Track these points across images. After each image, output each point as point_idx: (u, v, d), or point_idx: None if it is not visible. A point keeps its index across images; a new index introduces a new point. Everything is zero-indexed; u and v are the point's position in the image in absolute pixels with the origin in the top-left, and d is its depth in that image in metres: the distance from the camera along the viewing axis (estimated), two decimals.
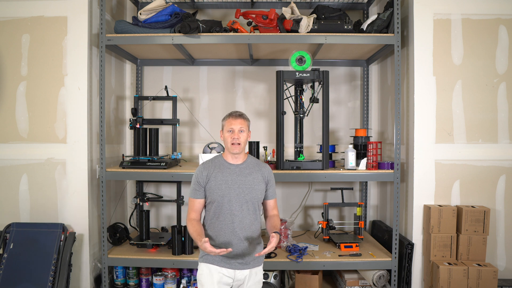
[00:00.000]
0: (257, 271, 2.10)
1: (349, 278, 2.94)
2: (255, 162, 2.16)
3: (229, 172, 2.07)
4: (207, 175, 2.06)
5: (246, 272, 2.04)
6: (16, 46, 2.86)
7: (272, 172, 2.18)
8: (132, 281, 3.06)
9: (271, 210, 2.17)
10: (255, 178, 2.08)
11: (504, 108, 2.85)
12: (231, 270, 2.02)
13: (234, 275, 2.03)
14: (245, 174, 2.07)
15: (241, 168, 2.09)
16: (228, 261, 2.02)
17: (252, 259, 2.06)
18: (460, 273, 2.58)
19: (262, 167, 2.15)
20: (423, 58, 2.83)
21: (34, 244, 2.69)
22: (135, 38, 2.85)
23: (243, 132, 2.06)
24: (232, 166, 2.09)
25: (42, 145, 2.87)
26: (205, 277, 2.02)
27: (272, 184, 2.16)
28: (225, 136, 2.07)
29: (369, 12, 3.53)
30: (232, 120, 2.06)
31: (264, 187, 2.11)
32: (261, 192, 2.09)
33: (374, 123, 3.62)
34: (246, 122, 2.10)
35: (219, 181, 2.04)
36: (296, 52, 2.88)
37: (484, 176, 2.84)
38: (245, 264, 2.04)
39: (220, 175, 2.05)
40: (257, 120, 3.63)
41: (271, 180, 2.15)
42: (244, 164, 2.11)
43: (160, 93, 3.51)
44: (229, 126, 2.05)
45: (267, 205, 2.17)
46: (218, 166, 2.09)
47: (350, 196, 3.66)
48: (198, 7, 3.54)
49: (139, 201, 3.12)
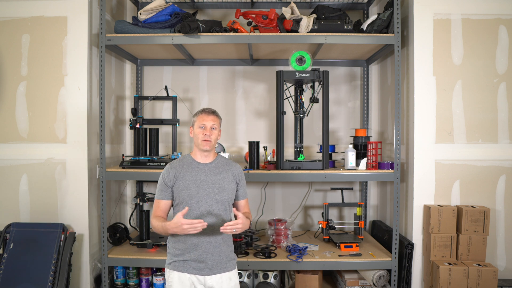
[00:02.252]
0: (231, 276, 2.01)
1: (349, 278, 2.94)
2: (225, 161, 2.10)
3: (198, 172, 2.00)
4: (174, 174, 1.98)
5: (217, 277, 1.96)
6: (16, 46, 2.86)
7: (243, 172, 2.13)
8: (132, 281, 3.06)
9: (243, 209, 2.10)
10: (225, 177, 2.02)
11: (504, 108, 2.85)
12: (201, 276, 1.94)
13: (205, 282, 1.95)
14: (214, 173, 2.01)
15: (210, 167, 2.03)
16: (197, 267, 1.94)
17: (222, 264, 1.98)
18: (460, 273, 2.58)
19: (233, 166, 2.09)
20: (423, 58, 2.83)
21: (34, 244, 2.68)
22: (135, 38, 2.85)
23: (214, 129, 2.01)
24: (201, 165, 2.02)
25: (42, 145, 2.87)
26: (176, 284, 1.94)
27: (243, 184, 2.10)
28: (196, 132, 2.00)
29: (369, 12, 3.53)
30: (204, 116, 2.00)
31: (234, 187, 2.05)
32: (231, 192, 2.03)
33: (374, 123, 3.62)
34: (218, 119, 2.05)
35: (187, 181, 1.97)
36: (296, 52, 2.88)
37: (484, 176, 2.84)
38: (214, 269, 1.96)
39: (188, 174, 1.98)
40: (257, 120, 3.63)
41: (241, 179, 2.09)
42: (213, 163, 2.05)
43: (160, 93, 3.51)
44: (201, 122, 1.99)
45: (238, 206, 2.10)
46: (187, 165, 2.02)
47: (350, 196, 3.66)
48: (198, 7, 3.54)
49: (139, 201, 3.12)
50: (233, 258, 2.06)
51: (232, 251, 2.07)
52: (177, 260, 1.97)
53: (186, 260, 1.95)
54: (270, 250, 2.95)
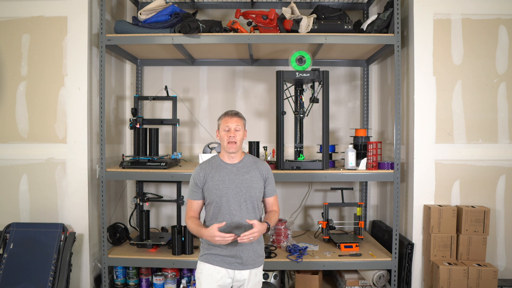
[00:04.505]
0: (257, 272, 2.08)
1: (349, 278, 2.94)
2: (253, 160, 2.15)
3: (226, 172, 2.06)
4: (204, 176, 2.06)
5: (246, 273, 2.03)
6: (16, 46, 2.86)
7: (270, 169, 2.17)
8: (132, 281, 3.06)
9: (271, 207, 2.16)
10: (253, 176, 2.07)
11: (504, 108, 2.85)
12: (230, 270, 2.02)
13: (234, 276, 2.02)
14: (242, 173, 2.06)
15: (238, 167, 2.08)
16: (228, 262, 2.01)
17: (252, 260, 2.04)
18: (460, 273, 2.58)
19: (260, 164, 2.13)
20: (423, 58, 2.83)
21: (34, 244, 2.68)
22: (135, 38, 2.85)
23: (239, 130, 2.05)
24: (229, 165, 2.08)
25: (42, 145, 2.87)
26: (204, 276, 2.02)
27: (271, 181, 2.14)
28: (221, 135, 2.07)
29: (369, 12, 3.53)
30: (228, 118, 2.06)
31: (262, 185, 2.10)
32: (259, 190, 2.08)
33: (374, 123, 3.62)
34: (242, 120, 2.09)
35: (216, 181, 2.03)
36: (296, 52, 2.88)
37: (484, 176, 2.84)
38: (245, 264, 2.03)
39: (217, 175, 2.05)
40: (257, 120, 3.63)
41: (269, 177, 2.14)
42: (241, 163, 2.10)
43: (160, 93, 3.51)
44: (225, 125, 2.05)
45: (266, 203, 2.16)
46: (215, 166, 2.08)
47: (350, 196, 3.66)
48: (198, 7, 3.54)
49: (139, 201, 3.12)
50: (262, 255, 2.12)
51: (262, 248, 2.13)
52: (209, 254, 2.04)
53: (219, 254, 2.02)
54: (270, 250, 2.95)
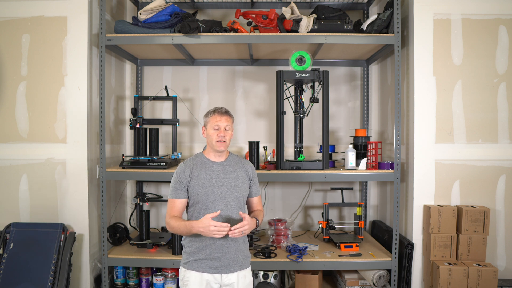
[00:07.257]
0: (246, 274, 2.03)
1: (349, 278, 2.94)
2: (238, 159, 2.11)
3: (212, 170, 2.00)
4: (189, 173, 1.98)
5: (233, 276, 1.97)
6: (16, 46, 2.86)
7: (255, 169, 2.15)
8: (132, 281, 3.06)
9: (256, 206, 2.12)
10: (239, 175, 2.03)
11: (504, 108, 2.85)
12: (217, 275, 1.95)
13: (221, 280, 1.97)
14: (228, 172, 2.02)
15: (224, 166, 2.03)
16: (214, 266, 1.95)
17: (239, 262, 1.99)
18: (460, 273, 2.58)
19: (245, 163, 2.10)
20: (423, 58, 2.83)
21: (34, 244, 2.68)
22: (135, 38, 2.85)
23: (228, 130, 2.01)
24: (215, 164, 2.03)
25: (42, 145, 2.87)
26: (192, 284, 1.94)
27: (256, 181, 2.11)
28: (210, 133, 1.99)
29: (369, 12, 3.53)
30: (218, 117, 1.99)
31: (248, 184, 2.06)
32: (246, 189, 2.04)
33: (374, 123, 3.62)
34: (231, 119, 2.04)
35: (202, 180, 1.97)
36: (296, 52, 2.88)
37: (484, 176, 2.84)
38: (232, 267, 1.97)
39: (203, 173, 1.98)
40: (257, 120, 3.63)
41: (254, 176, 2.10)
42: (226, 161, 2.05)
43: (160, 93, 3.51)
44: (215, 123, 1.98)
45: (251, 203, 2.12)
46: (200, 164, 2.02)
47: (350, 196, 3.65)
48: (198, 7, 3.54)
49: (139, 201, 3.12)
50: (248, 256, 2.07)
51: (247, 248, 2.08)
52: (193, 260, 1.97)
53: (202, 259, 1.95)
54: (270, 250, 2.95)
